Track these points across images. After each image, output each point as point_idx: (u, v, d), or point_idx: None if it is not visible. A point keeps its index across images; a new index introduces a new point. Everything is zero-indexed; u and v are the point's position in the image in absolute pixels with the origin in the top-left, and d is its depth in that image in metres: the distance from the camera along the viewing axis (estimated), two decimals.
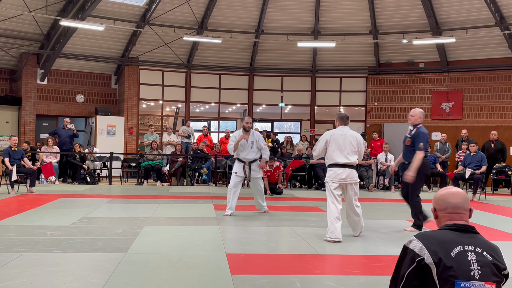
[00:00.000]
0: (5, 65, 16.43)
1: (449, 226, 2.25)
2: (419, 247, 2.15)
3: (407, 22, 16.47)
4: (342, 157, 6.11)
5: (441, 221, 2.32)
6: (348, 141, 6.17)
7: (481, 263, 2.10)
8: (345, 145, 6.15)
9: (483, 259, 2.12)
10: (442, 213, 2.30)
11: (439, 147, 14.50)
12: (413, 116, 6.92)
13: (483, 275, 2.08)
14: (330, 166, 6.18)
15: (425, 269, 2.11)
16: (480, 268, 2.09)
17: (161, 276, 4.26)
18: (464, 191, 2.36)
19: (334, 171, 6.11)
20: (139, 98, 17.27)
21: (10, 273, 4.25)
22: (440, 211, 2.31)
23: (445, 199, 2.30)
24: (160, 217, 7.67)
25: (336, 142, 6.16)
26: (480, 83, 16.44)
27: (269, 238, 6.21)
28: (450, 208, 2.28)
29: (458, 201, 2.28)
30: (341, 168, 6.10)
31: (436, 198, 2.35)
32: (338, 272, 4.58)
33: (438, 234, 2.22)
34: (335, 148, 6.14)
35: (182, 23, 16.50)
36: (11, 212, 7.86)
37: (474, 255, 2.12)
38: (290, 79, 18.26)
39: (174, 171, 14.03)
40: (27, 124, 16.14)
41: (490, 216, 8.54)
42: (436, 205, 2.34)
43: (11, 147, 11.09)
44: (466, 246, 2.14)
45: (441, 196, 2.32)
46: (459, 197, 2.29)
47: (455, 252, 2.11)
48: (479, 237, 2.23)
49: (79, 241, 5.66)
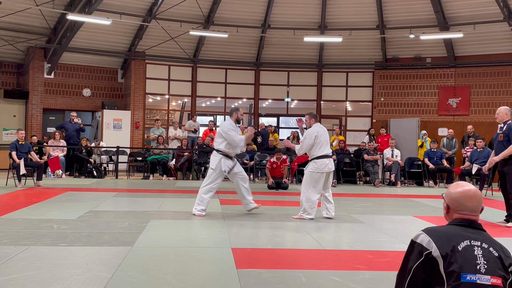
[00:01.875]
0: (12, 59, 16.49)
1: (457, 222, 2.26)
2: (427, 240, 2.17)
3: (415, 17, 16.37)
4: (328, 148, 7.19)
5: (451, 217, 2.33)
6: (327, 135, 7.28)
7: (487, 258, 2.12)
8: (327, 138, 7.23)
9: (489, 254, 2.13)
10: (456, 213, 2.30)
11: (445, 143, 14.44)
12: (499, 114, 7.36)
13: (489, 270, 2.09)
14: (319, 158, 7.06)
15: (432, 263, 2.12)
16: (486, 262, 2.11)
17: (166, 270, 4.28)
18: (480, 191, 2.35)
19: (322, 161, 7.03)
20: (146, 93, 17.29)
21: (18, 265, 4.29)
22: (453, 210, 2.31)
23: (462, 202, 2.28)
24: (166, 211, 7.69)
25: (323, 136, 7.16)
26: (488, 79, 16.33)
27: (274, 233, 6.22)
28: (465, 211, 2.28)
29: (474, 205, 2.27)
30: (328, 159, 7.10)
31: (452, 197, 2.31)
32: (344, 267, 4.58)
33: (445, 229, 2.23)
34: (324, 142, 7.12)
35: (189, 18, 16.49)
36: (18, 205, 7.91)
37: (481, 250, 2.13)
38: (297, 74, 18.22)
39: (180, 166, 14.05)
40: (34, 118, 16.20)
41: (496, 212, 8.50)
42: (450, 204, 2.32)
43: (18, 141, 11.13)
44: (473, 241, 2.16)
45: (458, 198, 2.29)
46: (476, 201, 2.28)
47: (462, 246, 2.13)
48: (486, 234, 2.24)
49: (86, 235, 5.69)
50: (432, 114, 16.94)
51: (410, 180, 14.19)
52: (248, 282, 3.96)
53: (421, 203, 9.67)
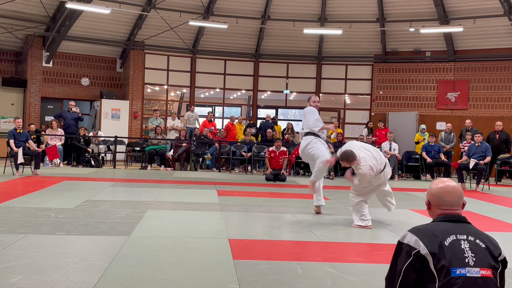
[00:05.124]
0: (11, 47, 16.42)
1: (441, 218, 2.29)
2: (414, 240, 2.18)
3: (415, 10, 16.33)
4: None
5: (434, 213, 2.35)
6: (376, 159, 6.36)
7: (475, 250, 2.14)
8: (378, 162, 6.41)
9: (476, 247, 2.15)
10: (437, 208, 2.33)
11: (443, 137, 14.45)
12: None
13: (478, 262, 2.11)
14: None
15: (422, 261, 2.13)
16: (474, 255, 2.13)
17: (163, 260, 4.30)
18: (460, 187, 2.37)
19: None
20: (144, 83, 17.25)
21: (15, 253, 4.30)
22: (434, 206, 2.34)
23: (441, 197, 2.31)
24: (163, 202, 7.71)
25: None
26: (487, 73, 16.32)
27: (271, 224, 6.24)
28: (445, 206, 2.31)
29: (453, 200, 2.30)
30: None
31: (432, 193, 2.34)
32: (340, 259, 4.60)
33: (431, 226, 2.25)
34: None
35: (188, 8, 16.41)
36: (16, 194, 7.91)
37: (467, 243, 2.15)
38: (296, 66, 18.18)
39: (178, 156, 14.06)
40: (32, 106, 16.16)
41: (493, 207, 8.53)
42: (431, 200, 2.35)
43: (16, 129, 11.11)
44: (458, 235, 2.18)
45: (437, 193, 2.33)
46: (455, 195, 2.31)
47: (449, 241, 2.15)
48: (471, 226, 2.26)
49: (83, 224, 5.70)
50: (430, 108, 16.94)
51: (407, 174, 14.23)
52: (244, 273, 3.98)
53: (418, 197, 9.71)
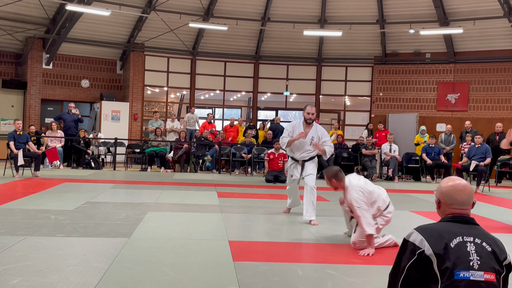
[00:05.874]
0: (11, 49, 16.43)
1: (449, 218, 2.26)
2: (419, 239, 2.16)
3: (415, 12, 16.34)
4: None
5: (444, 212, 2.32)
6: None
7: (480, 253, 2.11)
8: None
9: (482, 250, 2.13)
10: (447, 207, 2.30)
11: (444, 139, 14.45)
12: None
13: (482, 265, 2.09)
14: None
15: (425, 261, 2.12)
16: (479, 258, 2.10)
17: (163, 261, 4.29)
18: (470, 185, 2.35)
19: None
20: (144, 84, 17.26)
21: (14, 255, 4.30)
22: (444, 205, 2.30)
23: (452, 195, 2.28)
24: (163, 203, 7.70)
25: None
26: (487, 75, 16.33)
27: (271, 226, 6.24)
28: (455, 204, 2.27)
29: (464, 198, 2.27)
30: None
31: (442, 192, 2.31)
32: (340, 261, 4.60)
33: (438, 226, 2.22)
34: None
35: (188, 10, 16.42)
36: (15, 196, 7.91)
37: (473, 246, 2.13)
38: (296, 68, 18.19)
39: (178, 158, 14.06)
40: (32, 108, 16.16)
41: (493, 208, 8.54)
42: (441, 199, 2.32)
43: (16, 131, 11.11)
44: (465, 237, 2.15)
45: (448, 192, 2.29)
46: (466, 194, 2.27)
47: (455, 243, 2.12)
48: (479, 228, 2.23)
49: (83, 226, 5.70)
50: (430, 110, 16.94)
51: (407, 175, 14.23)
52: (244, 275, 3.98)
53: (418, 198, 9.70)
